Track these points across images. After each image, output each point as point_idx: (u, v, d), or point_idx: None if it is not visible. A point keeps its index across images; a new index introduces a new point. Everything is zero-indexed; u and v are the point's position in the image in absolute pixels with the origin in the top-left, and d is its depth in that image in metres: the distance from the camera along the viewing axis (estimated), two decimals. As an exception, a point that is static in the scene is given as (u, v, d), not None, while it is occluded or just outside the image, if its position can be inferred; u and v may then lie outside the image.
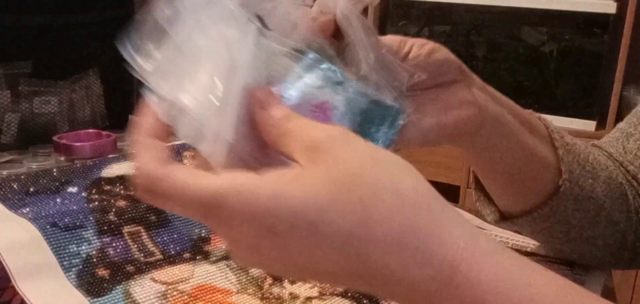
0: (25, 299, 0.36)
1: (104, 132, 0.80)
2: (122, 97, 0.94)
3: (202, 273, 0.43)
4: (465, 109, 0.40)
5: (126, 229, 0.44)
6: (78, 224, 0.43)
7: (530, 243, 0.57)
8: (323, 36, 0.34)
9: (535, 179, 0.47)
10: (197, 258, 0.45)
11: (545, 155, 0.46)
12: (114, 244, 0.43)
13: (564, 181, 0.46)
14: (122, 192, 0.48)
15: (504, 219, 0.51)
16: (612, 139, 0.56)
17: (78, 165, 0.51)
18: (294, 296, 0.42)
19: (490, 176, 0.48)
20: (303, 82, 0.30)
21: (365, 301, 0.42)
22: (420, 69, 0.38)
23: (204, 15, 0.29)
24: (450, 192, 2.24)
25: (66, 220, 0.42)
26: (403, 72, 0.35)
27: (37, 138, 0.80)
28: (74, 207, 0.44)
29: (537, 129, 0.47)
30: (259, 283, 0.43)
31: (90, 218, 0.43)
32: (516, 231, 0.57)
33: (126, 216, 0.45)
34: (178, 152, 0.57)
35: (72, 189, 0.47)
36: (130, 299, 0.38)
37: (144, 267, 0.42)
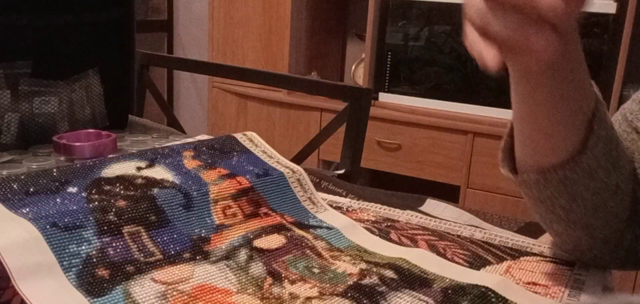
0: (25, 299, 0.36)
1: (104, 132, 0.80)
2: (122, 97, 0.94)
3: (202, 273, 0.43)
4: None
5: (126, 229, 0.44)
6: (78, 224, 0.43)
7: (530, 244, 0.57)
8: None
9: (566, 137, 0.47)
10: (197, 258, 0.45)
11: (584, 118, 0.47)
12: (114, 244, 0.43)
13: (587, 150, 0.46)
14: (122, 192, 0.48)
15: (516, 173, 0.51)
16: (621, 131, 0.55)
17: (78, 165, 0.51)
18: (294, 296, 0.42)
19: (538, 115, 0.47)
20: None
21: (365, 301, 0.42)
22: None
23: None
24: (450, 192, 2.24)
25: (66, 220, 0.42)
26: None
27: (37, 138, 0.80)
28: (74, 207, 0.44)
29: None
30: (259, 283, 0.43)
31: (90, 218, 0.43)
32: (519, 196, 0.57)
33: (126, 216, 0.45)
34: (178, 152, 0.57)
35: (72, 189, 0.47)
36: (130, 299, 0.38)
37: (144, 267, 0.42)
